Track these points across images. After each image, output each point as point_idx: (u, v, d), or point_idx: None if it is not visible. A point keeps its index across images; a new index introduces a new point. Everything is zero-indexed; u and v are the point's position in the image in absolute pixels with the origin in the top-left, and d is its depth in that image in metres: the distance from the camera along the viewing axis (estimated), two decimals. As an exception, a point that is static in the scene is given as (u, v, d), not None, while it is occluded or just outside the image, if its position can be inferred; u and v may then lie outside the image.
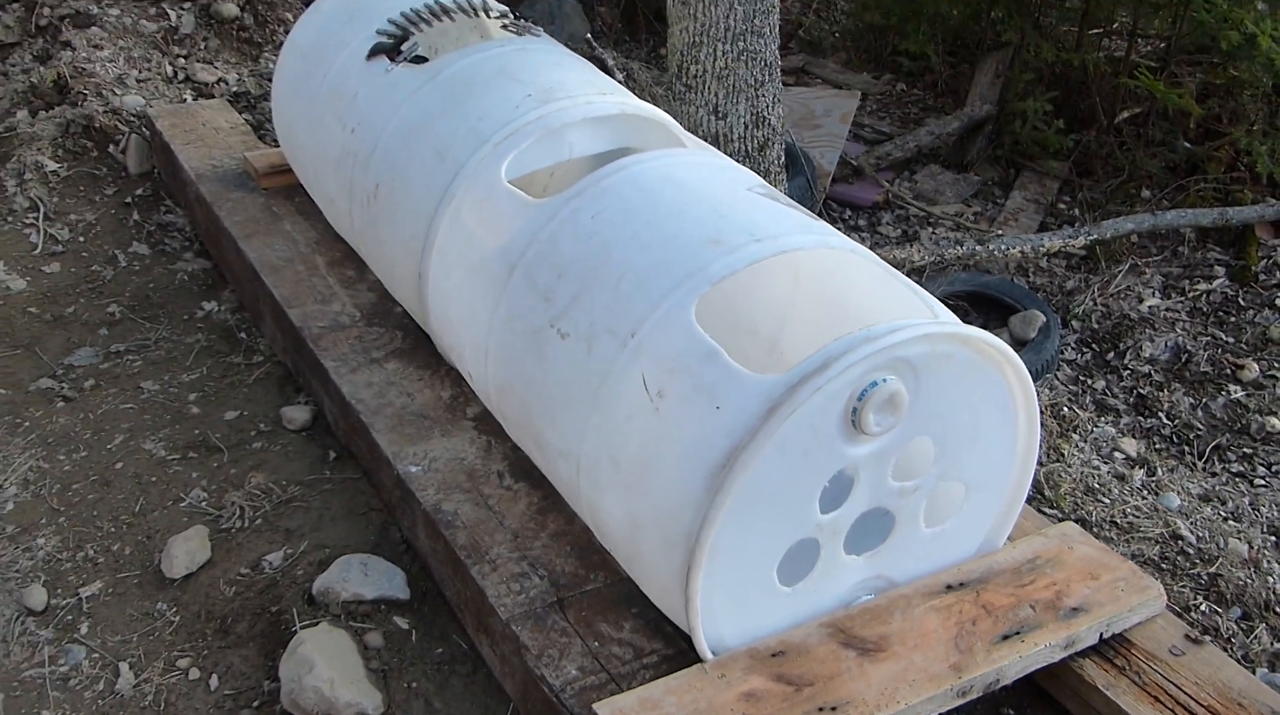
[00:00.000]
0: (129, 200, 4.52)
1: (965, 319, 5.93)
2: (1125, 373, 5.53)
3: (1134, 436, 4.65)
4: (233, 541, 3.03)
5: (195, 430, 3.44)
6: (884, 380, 2.33)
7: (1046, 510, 3.25)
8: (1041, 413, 4.12)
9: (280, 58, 3.93)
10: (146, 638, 2.82)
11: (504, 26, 3.57)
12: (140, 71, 4.98)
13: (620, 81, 5.69)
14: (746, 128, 4.02)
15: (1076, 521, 3.19)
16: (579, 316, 2.61)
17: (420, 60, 3.44)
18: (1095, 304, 5.97)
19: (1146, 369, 5.48)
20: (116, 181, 4.60)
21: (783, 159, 4.31)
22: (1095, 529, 3.20)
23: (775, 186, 4.28)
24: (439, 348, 3.29)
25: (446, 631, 2.81)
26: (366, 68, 3.51)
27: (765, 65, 3.98)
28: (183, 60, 5.12)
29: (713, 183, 2.84)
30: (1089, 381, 5.58)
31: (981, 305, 5.76)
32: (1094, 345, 5.82)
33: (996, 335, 5.61)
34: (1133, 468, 4.18)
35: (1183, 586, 3.08)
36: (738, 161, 4.10)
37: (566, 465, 2.66)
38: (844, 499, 2.46)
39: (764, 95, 4.03)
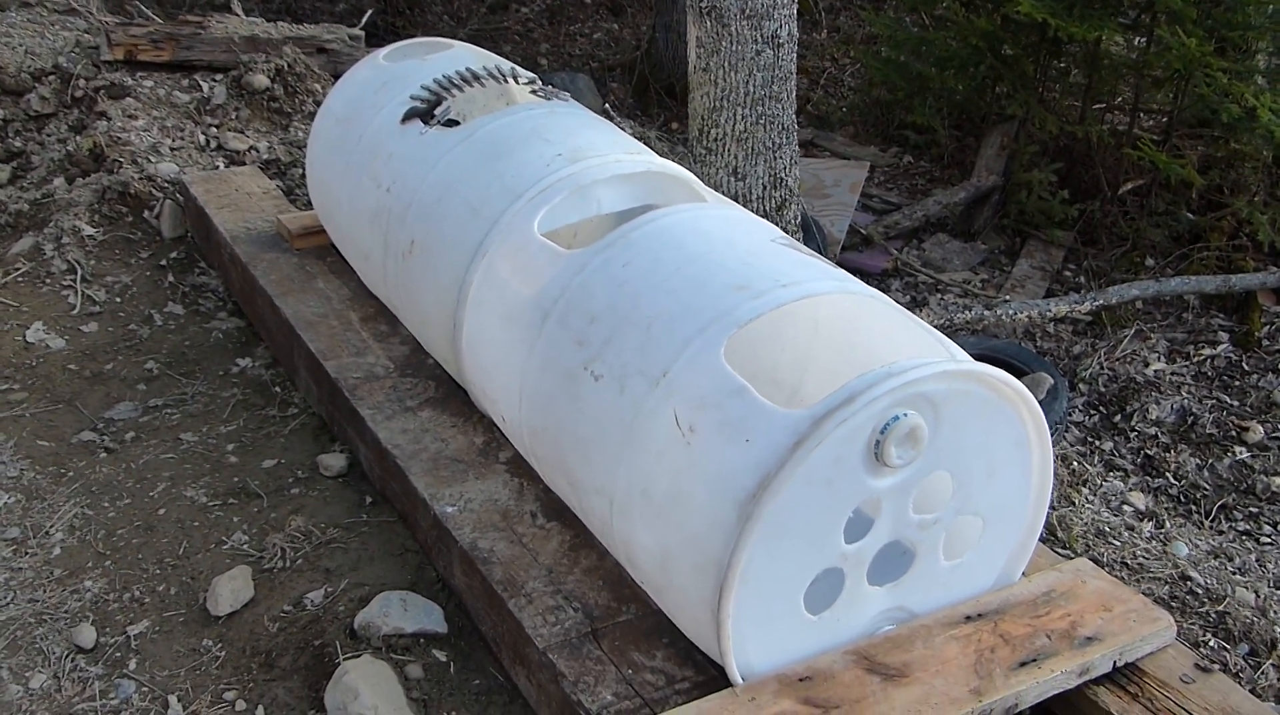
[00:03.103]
0: (164, 263, 4.68)
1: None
2: (1132, 434, 5.63)
3: (1142, 492, 4.75)
4: (275, 581, 3.14)
5: (234, 478, 3.56)
6: (905, 415, 2.45)
7: (1059, 550, 3.35)
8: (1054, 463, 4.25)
9: (315, 123, 4.11)
10: (194, 672, 2.92)
11: (533, 92, 3.74)
12: (174, 140, 5.17)
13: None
14: (765, 189, 4.18)
15: (1090, 560, 3.29)
16: (611, 359, 2.74)
17: (453, 123, 3.61)
18: (1102, 368, 6.08)
19: (1153, 431, 5.58)
20: (151, 245, 4.76)
21: (800, 218, 4.47)
22: (1106, 568, 3.30)
23: (791, 245, 4.44)
24: (472, 396, 3.42)
25: (483, 665, 2.90)
26: (401, 130, 3.68)
27: (783, 129, 4.16)
28: (215, 129, 5.32)
29: (737, 234, 2.98)
30: (1097, 442, 5.67)
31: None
32: (1101, 408, 5.92)
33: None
34: (1141, 521, 4.29)
35: (1192, 624, 3.17)
36: (755, 221, 4.28)
37: (600, 501, 2.77)
38: (867, 530, 2.57)
39: (781, 158, 4.21)
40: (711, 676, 2.61)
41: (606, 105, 6.88)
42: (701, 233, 2.96)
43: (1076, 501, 3.90)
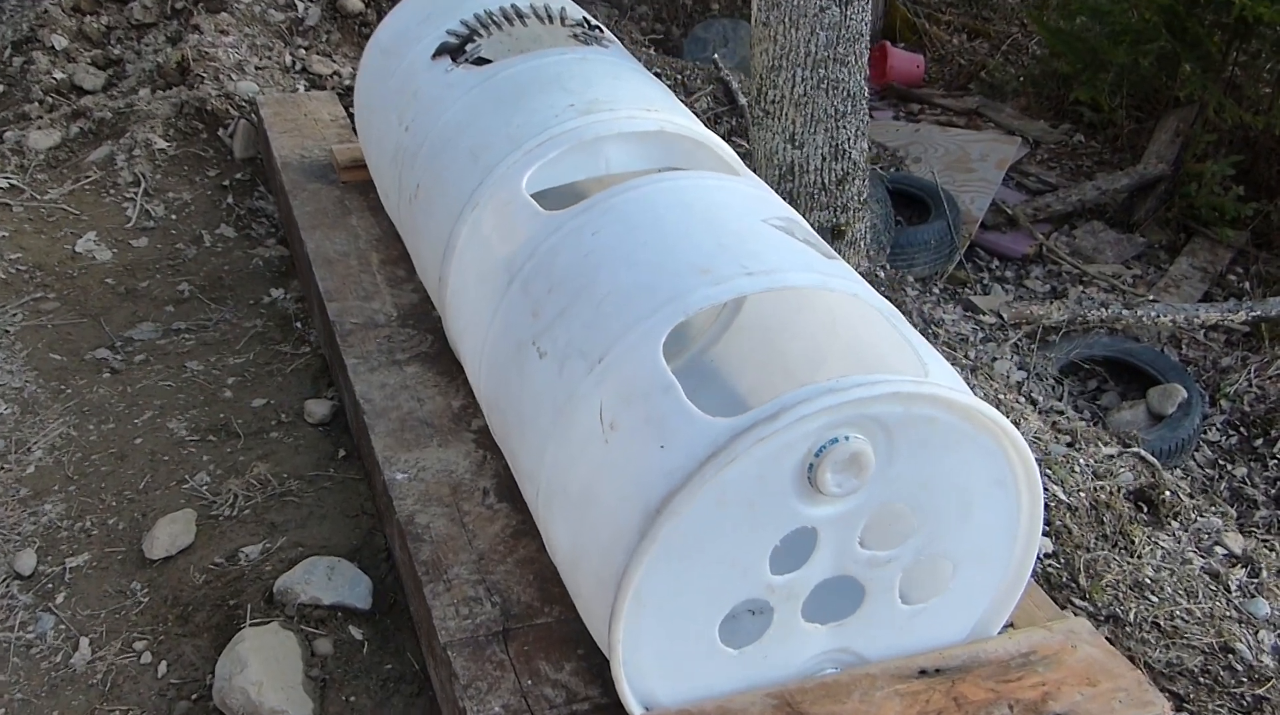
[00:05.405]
0: (227, 183, 4.59)
1: (1099, 387, 5.55)
2: (1272, 462, 5.09)
3: (1242, 534, 4.23)
4: (217, 529, 3.00)
5: (221, 414, 3.44)
6: (846, 438, 2.12)
7: (1076, 601, 2.94)
8: (1125, 497, 3.78)
9: (364, 53, 3.92)
10: (113, 616, 2.80)
11: (573, 35, 3.47)
12: (260, 59, 5.08)
13: (739, 105, 5.53)
14: (824, 159, 3.80)
15: (1109, 619, 2.89)
16: (559, 334, 2.48)
17: (483, 62, 3.37)
18: (1250, 385, 5.51)
19: (1297, 461, 5.04)
20: (220, 164, 4.68)
21: (864, 195, 4.06)
22: (1129, 628, 2.88)
23: (854, 223, 4.06)
24: (457, 356, 3.20)
25: (402, 648, 2.70)
26: (430, 66, 3.46)
27: (848, 95, 3.76)
28: (303, 51, 5.20)
29: (727, 210, 2.66)
30: (1229, 466, 5.15)
31: (1121, 373, 5.41)
32: (1242, 428, 5.39)
33: (1132, 408, 5.23)
34: (1233, 566, 3.80)
35: (1220, 704, 2.73)
36: (813, 194, 3.92)
37: (531, 488, 2.53)
38: (801, 562, 2.25)
39: (845, 127, 3.81)
40: (616, 701, 2.34)
41: (714, 57, 6.55)
42: (687, 205, 2.65)
43: (1137, 540, 3.44)
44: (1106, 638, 2.68)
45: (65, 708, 2.60)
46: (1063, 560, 3.06)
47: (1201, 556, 3.71)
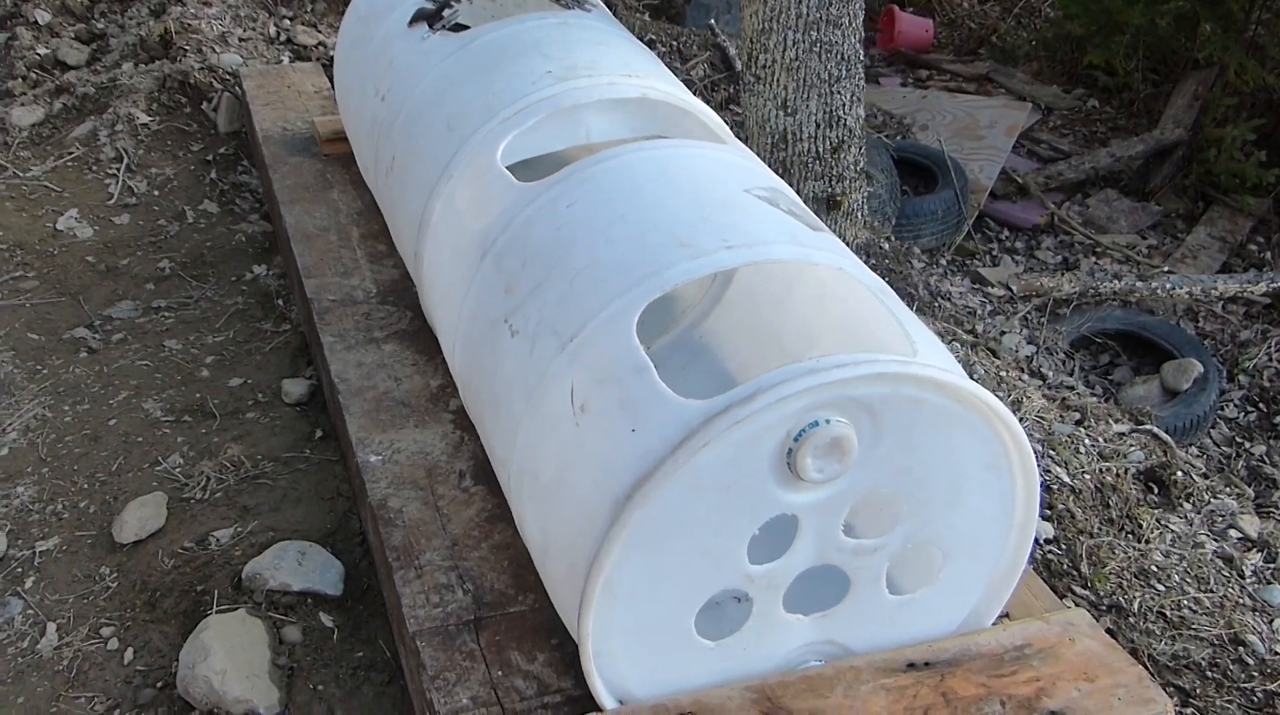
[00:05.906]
0: (211, 158, 4.49)
1: (1112, 361, 5.42)
2: (1292, 440, 4.96)
3: (1259, 516, 4.10)
4: (189, 512, 2.91)
5: (197, 394, 3.35)
6: (827, 421, 2.01)
7: (1077, 590, 2.82)
8: (1135, 477, 3.66)
9: (343, 21, 3.81)
10: (81, 601, 2.72)
11: None
12: (244, 30, 4.96)
13: (736, 72, 5.39)
14: (818, 127, 3.66)
15: (1112, 608, 2.77)
16: (531, 312, 2.38)
17: (461, 28, 3.25)
18: (1270, 359, 5.38)
19: (1319, 440, 4.92)
20: (204, 139, 4.57)
21: (861, 164, 3.93)
22: (1133, 619, 2.76)
23: (850, 194, 3.94)
24: (435, 333, 3.10)
25: (375, 635, 2.61)
26: (407, 34, 3.34)
27: (842, 59, 3.62)
28: (287, 22, 5.09)
29: (710, 180, 2.54)
30: (1247, 444, 5.02)
31: (1135, 347, 5.28)
32: (1261, 405, 5.25)
33: (1145, 383, 5.08)
34: (1249, 550, 3.68)
35: (1228, 701, 2.61)
36: (807, 163, 3.79)
37: (504, 472, 2.43)
38: (782, 551, 2.15)
39: (840, 93, 3.67)
40: (589, 693, 2.24)
41: (711, 22, 6.43)
42: (668, 175, 2.53)
43: (1144, 524, 3.32)
44: (1108, 629, 2.58)
45: (30, 694, 2.52)
46: (1064, 546, 2.95)
47: (1214, 540, 3.58)
